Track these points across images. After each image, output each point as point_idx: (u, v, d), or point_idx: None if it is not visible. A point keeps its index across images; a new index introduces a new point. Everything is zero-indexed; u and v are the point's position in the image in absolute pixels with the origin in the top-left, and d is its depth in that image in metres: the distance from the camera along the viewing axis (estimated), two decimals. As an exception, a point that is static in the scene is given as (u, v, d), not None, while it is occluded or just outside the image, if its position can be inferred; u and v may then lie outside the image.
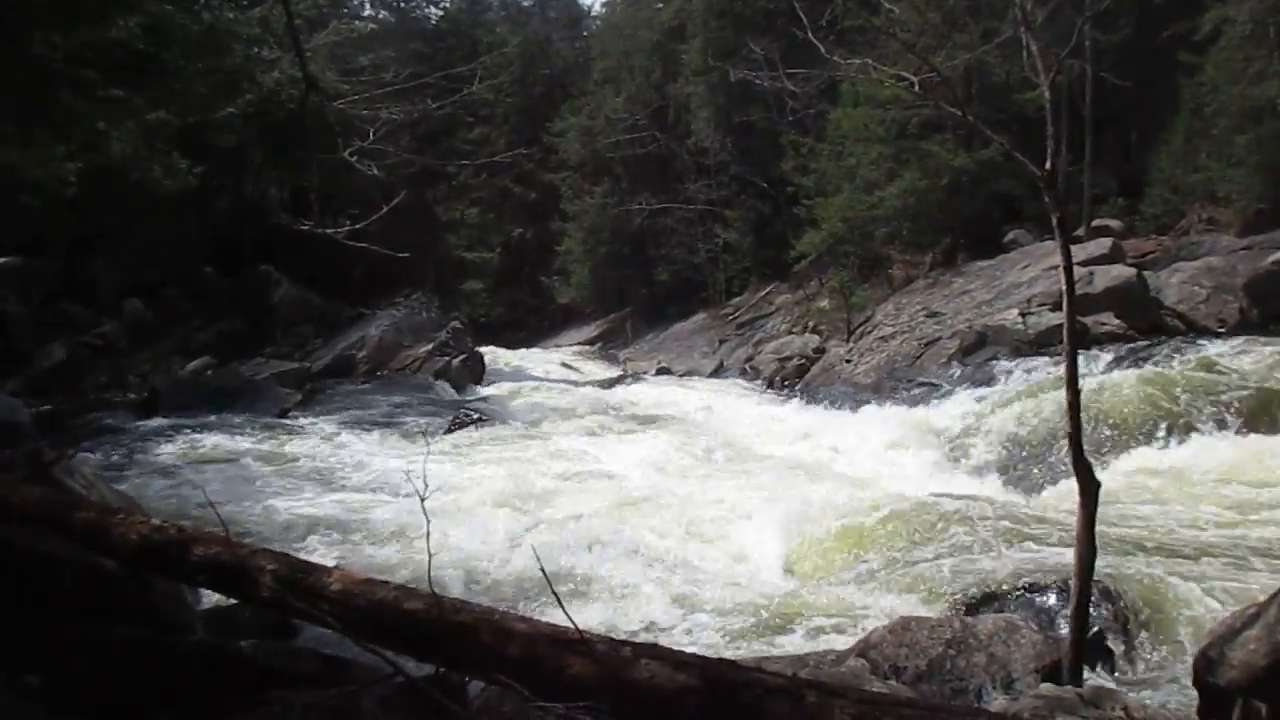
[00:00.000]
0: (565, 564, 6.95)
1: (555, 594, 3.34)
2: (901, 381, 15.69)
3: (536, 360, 27.03)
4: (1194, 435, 9.21)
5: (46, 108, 8.28)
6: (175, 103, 11.33)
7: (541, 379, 21.63)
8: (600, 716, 2.59)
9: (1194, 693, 3.61)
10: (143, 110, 10.12)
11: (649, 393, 18.35)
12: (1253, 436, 8.99)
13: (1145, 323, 14.83)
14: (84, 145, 10.17)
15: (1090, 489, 4.05)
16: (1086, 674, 4.29)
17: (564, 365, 26.17)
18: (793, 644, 5.32)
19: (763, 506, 8.35)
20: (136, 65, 8.82)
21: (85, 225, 16.17)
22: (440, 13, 43.12)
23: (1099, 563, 4.35)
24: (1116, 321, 14.63)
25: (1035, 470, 9.54)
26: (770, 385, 19.59)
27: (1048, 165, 4.31)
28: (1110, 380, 10.56)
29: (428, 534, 3.37)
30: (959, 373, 14.72)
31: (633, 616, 6.00)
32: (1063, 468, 8.83)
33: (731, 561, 7.30)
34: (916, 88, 5.42)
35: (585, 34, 45.77)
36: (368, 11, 33.98)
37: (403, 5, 40.19)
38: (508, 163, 34.43)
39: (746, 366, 22.09)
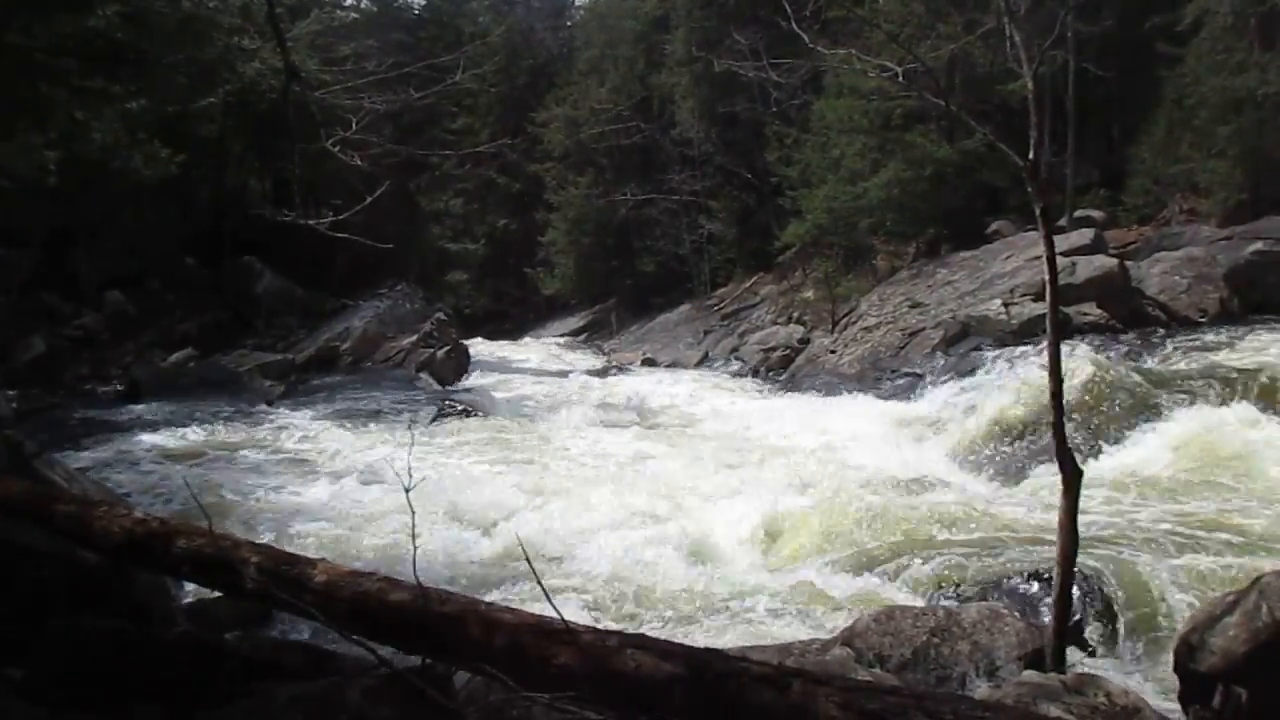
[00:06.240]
0: (551, 554, 6.96)
1: (541, 584, 3.34)
2: (885, 372, 15.75)
3: (521, 352, 27.01)
4: (1176, 425, 9.26)
5: (25, 97, 8.19)
6: (155, 92, 11.22)
7: (526, 371, 21.62)
8: (586, 707, 2.59)
9: (1175, 679, 3.65)
10: (122, 99, 10.02)
11: (634, 384, 18.35)
12: (1237, 425, 9.02)
13: (1127, 312, 14.92)
14: (63, 134, 10.08)
15: (1073, 478, 4.08)
16: (1069, 661, 4.32)
17: (549, 356, 26.14)
18: (778, 633, 5.34)
19: (747, 496, 8.37)
20: (116, 55, 8.73)
21: (65, 215, 16.03)
22: (423, 2, 42.88)
23: (1081, 551, 4.38)
24: (1098, 311, 14.71)
25: (1018, 459, 9.58)
26: (755, 376, 19.63)
27: (1030, 156, 4.32)
28: (1093, 370, 10.60)
29: (413, 525, 3.36)
30: (942, 363, 14.78)
31: (618, 606, 6.01)
32: (1045, 457, 8.88)
33: (716, 551, 7.31)
34: (900, 78, 5.43)
35: (569, 24, 45.56)
36: (350, 1, 33.69)
37: (385, -6, 39.87)
38: (492, 153, 34.26)
39: (731, 357, 22.12)
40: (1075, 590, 4.69)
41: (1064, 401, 4.24)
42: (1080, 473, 4.13)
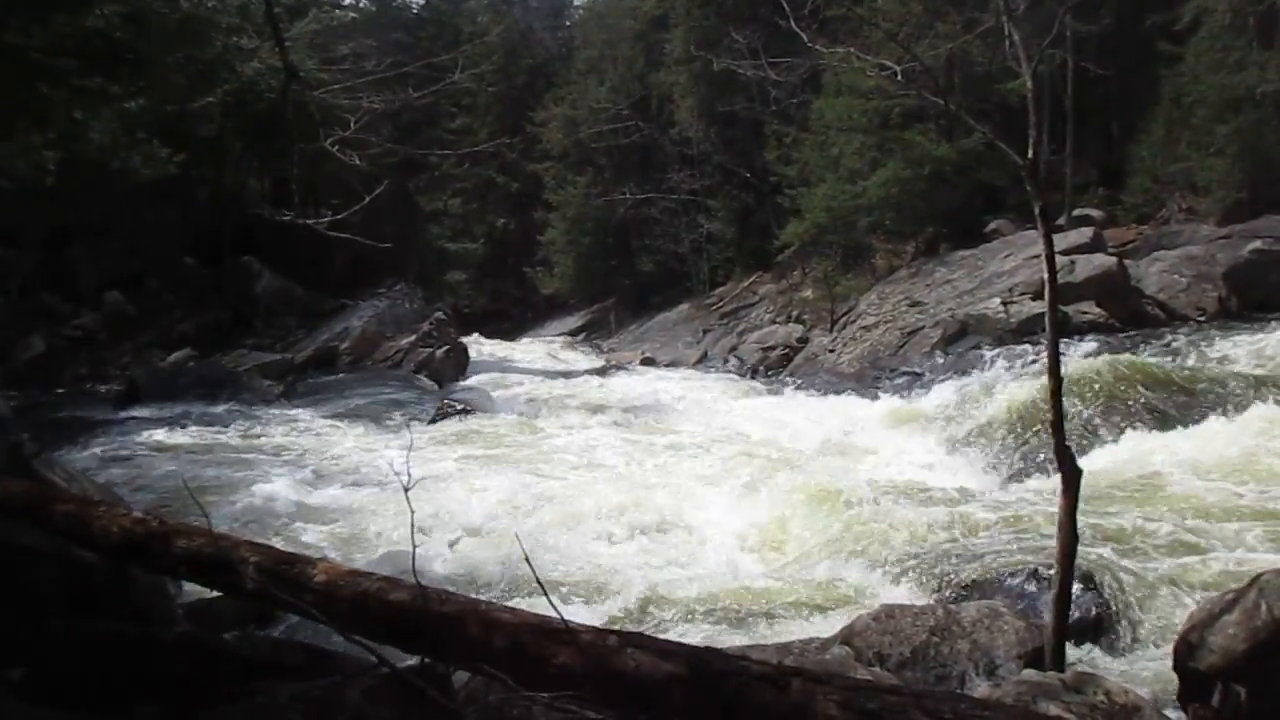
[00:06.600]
0: (550, 554, 6.95)
1: (540, 584, 3.34)
2: (884, 370, 15.76)
3: (520, 351, 27.02)
4: (1176, 424, 9.26)
5: (25, 97, 8.18)
6: (154, 92, 11.22)
7: (525, 370, 21.62)
8: (586, 706, 2.59)
9: (1175, 677, 3.65)
10: (121, 99, 10.01)
11: (632, 383, 18.34)
12: (1236, 425, 9.02)
13: (1126, 311, 14.94)
14: (63, 134, 10.06)
15: (1072, 477, 4.07)
16: (1069, 659, 4.32)
17: (548, 356, 26.15)
18: (777, 632, 5.33)
19: (744, 495, 8.37)
20: (114, 54, 8.71)
21: (65, 215, 16.03)
22: (421, 1, 42.89)
23: (1081, 550, 4.38)
24: (1097, 310, 14.73)
25: (1018, 458, 9.58)
26: (754, 375, 19.63)
27: (1029, 155, 4.32)
28: (1093, 368, 10.60)
29: (412, 524, 3.34)
30: (941, 361, 14.79)
31: (617, 606, 6.00)
32: (1045, 455, 8.88)
33: (715, 550, 7.31)
34: (899, 77, 5.43)
35: (568, 23, 45.64)
36: (348, 0, 33.66)
37: (383, -7, 39.82)
38: (491, 153, 34.27)
39: (730, 356, 22.13)
40: (1075, 589, 4.68)
41: (1064, 399, 4.23)
42: (1080, 471, 4.12)
